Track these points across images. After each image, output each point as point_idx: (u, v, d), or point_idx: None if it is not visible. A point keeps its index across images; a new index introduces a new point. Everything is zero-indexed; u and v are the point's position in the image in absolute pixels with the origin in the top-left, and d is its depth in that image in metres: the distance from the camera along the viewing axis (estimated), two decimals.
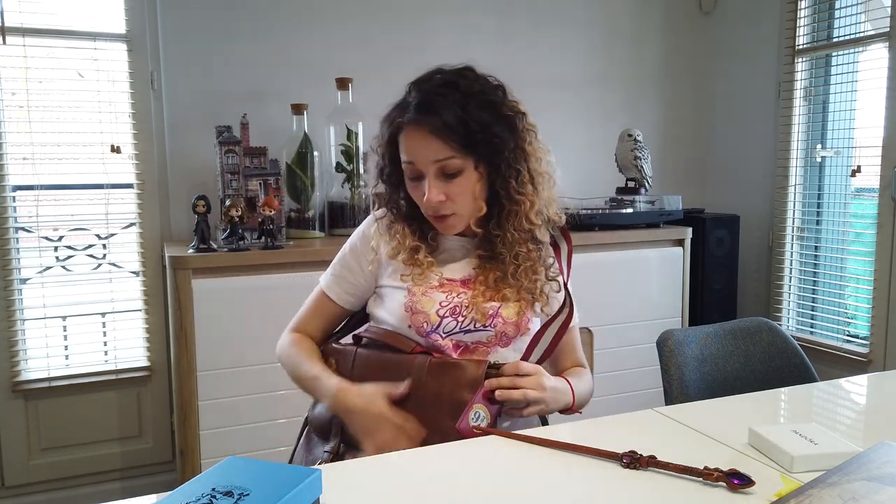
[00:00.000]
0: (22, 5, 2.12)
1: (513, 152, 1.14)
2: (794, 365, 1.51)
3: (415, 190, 1.16)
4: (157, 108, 2.29)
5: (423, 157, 1.12)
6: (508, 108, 1.15)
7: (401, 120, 1.13)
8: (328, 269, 1.29)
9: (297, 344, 1.26)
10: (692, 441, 0.98)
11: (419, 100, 1.11)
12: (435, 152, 1.11)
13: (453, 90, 1.11)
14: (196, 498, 0.69)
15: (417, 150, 1.12)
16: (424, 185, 1.13)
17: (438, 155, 1.11)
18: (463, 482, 0.86)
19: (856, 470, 0.81)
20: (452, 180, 1.13)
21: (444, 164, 1.11)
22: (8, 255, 2.17)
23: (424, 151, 1.11)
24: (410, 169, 1.14)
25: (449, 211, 1.14)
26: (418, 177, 1.14)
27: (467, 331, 1.16)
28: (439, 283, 1.18)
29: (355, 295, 1.26)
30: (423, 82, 1.14)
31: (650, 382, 2.33)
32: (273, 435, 1.98)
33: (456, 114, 1.09)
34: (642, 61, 2.98)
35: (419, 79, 1.16)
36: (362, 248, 1.25)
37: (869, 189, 2.47)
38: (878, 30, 2.41)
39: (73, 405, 2.27)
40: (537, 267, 1.20)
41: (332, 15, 2.48)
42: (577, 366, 1.29)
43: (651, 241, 2.48)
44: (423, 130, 1.10)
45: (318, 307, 1.28)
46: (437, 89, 1.12)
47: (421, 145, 1.11)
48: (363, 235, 1.27)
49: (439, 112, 1.09)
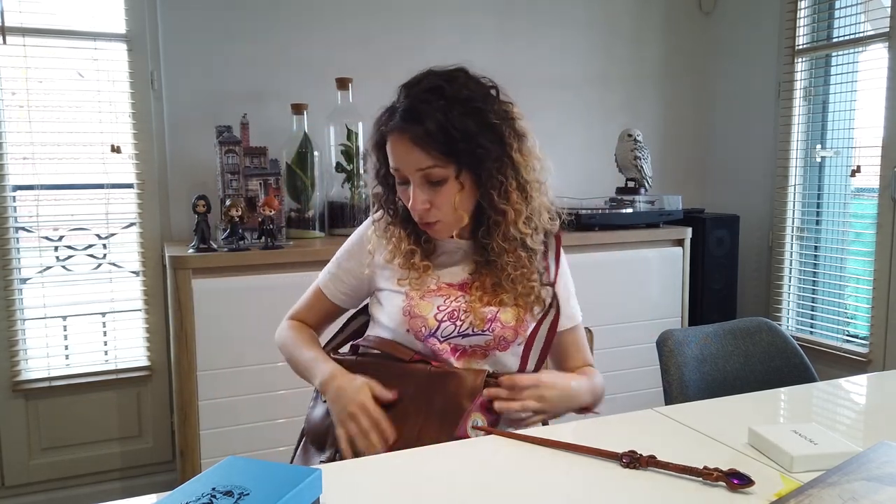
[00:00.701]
0: (22, 5, 2.12)
1: (497, 162, 1.12)
2: (793, 365, 1.51)
3: (403, 194, 1.16)
4: (157, 108, 2.30)
5: (407, 165, 1.11)
6: (496, 115, 1.13)
7: (384, 128, 1.13)
8: (327, 266, 1.31)
9: (295, 329, 1.29)
10: (692, 441, 0.98)
11: (404, 107, 1.11)
12: (417, 161, 1.10)
13: (438, 97, 1.09)
14: (196, 498, 0.69)
15: (401, 157, 1.12)
16: (410, 190, 1.13)
17: (421, 164, 1.10)
18: (463, 482, 0.86)
19: (855, 470, 0.81)
20: (437, 188, 1.12)
21: (427, 172, 1.11)
22: (8, 255, 2.17)
23: (407, 159, 1.11)
24: (397, 174, 1.15)
25: (434, 218, 1.14)
26: (405, 182, 1.14)
27: (465, 335, 1.15)
28: (437, 287, 1.18)
29: (349, 294, 1.28)
30: (412, 87, 1.13)
31: (650, 382, 2.33)
32: (273, 435, 1.98)
33: (439, 122, 1.08)
34: (642, 61, 2.98)
35: (409, 82, 1.15)
36: (358, 251, 1.26)
37: (869, 189, 2.47)
38: (877, 30, 2.41)
39: (73, 405, 2.27)
40: (531, 273, 1.18)
41: (332, 15, 2.48)
42: (586, 365, 1.29)
43: (651, 241, 2.48)
44: (406, 139, 1.10)
45: (313, 302, 1.31)
46: (423, 95, 1.10)
47: (404, 153, 1.11)
48: (360, 238, 1.28)
49: (422, 121, 1.08)
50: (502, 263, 1.16)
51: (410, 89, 1.13)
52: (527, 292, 1.18)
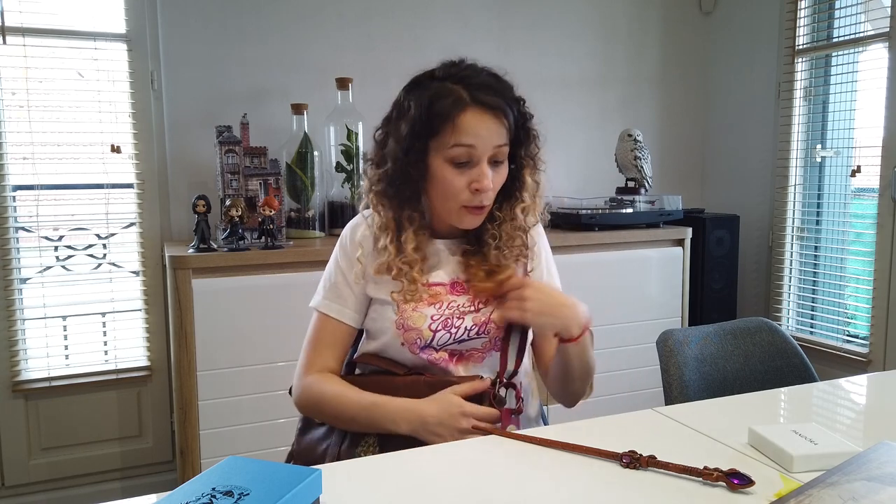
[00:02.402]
0: (22, 5, 2.12)
1: (529, 152, 1.15)
2: (793, 365, 1.51)
3: (457, 177, 1.09)
4: (157, 108, 2.30)
5: (487, 141, 1.08)
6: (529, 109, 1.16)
7: (466, 98, 1.07)
8: (319, 292, 1.20)
9: (323, 383, 1.14)
10: (692, 441, 0.98)
11: (485, 82, 1.09)
12: (499, 136, 1.09)
13: (498, 80, 1.11)
14: (196, 498, 0.69)
15: (482, 132, 1.07)
16: (473, 172, 1.09)
17: (500, 140, 1.09)
18: (463, 482, 0.86)
19: (856, 470, 0.81)
20: (498, 169, 1.11)
21: (501, 149, 1.10)
22: (8, 255, 2.17)
23: (488, 134, 1.07)
24: (467, 153, 1.08)
25: (490, 201, 1.13)
26: (467, 162, 1.08)
27: (461, 340, 1.14)
28: (428, 296, 1.14)
29: (357, 310, 1.19)
30: (466, 68, 1.11)
31: (650, 382, 2.33)
32: (273, 435, 1.98)
33: (516, 103, 1.10)
34: (642, 61, 2.98)
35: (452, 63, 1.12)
36: (347, 260, 1.19)
37: (869, 189, 2.47)
38: (877, 30, 2.41)
39: (73, 405, 2.27)
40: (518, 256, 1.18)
41: (332, 15, 2.48)
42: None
43: (651, 241, 2.48)
44: (491, 113, 1.07)
45: (324, 335, 1.18)
46: (495, 76, 1.11)
47: (487, 127, 1.07)
48: (344, 247, 1.21)
49: (506, 97, 1.09)
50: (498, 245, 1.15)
51: (469, 69, 1.11)
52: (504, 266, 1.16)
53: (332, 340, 1.18)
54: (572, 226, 2.41)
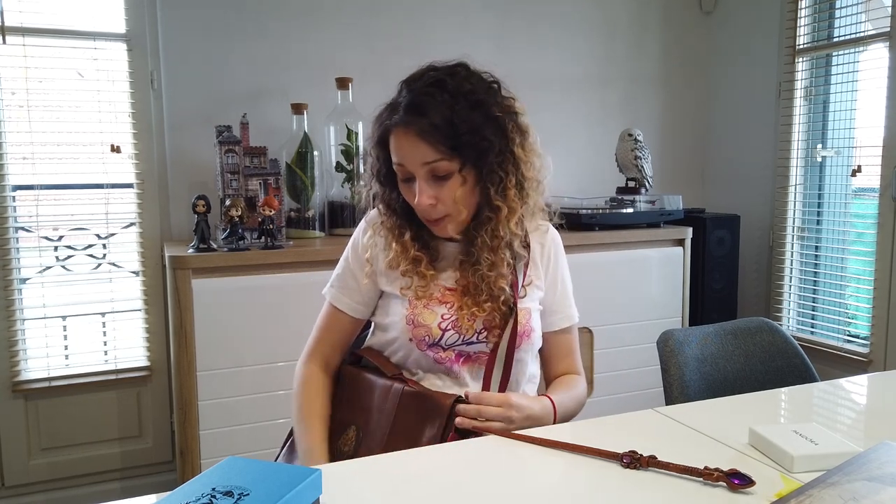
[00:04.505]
0: (22, 5, 2.12)
1: (499, 156, 1.11)
2: (794, 365, 1.51)
3: (407, 191, 1.13)
4: (157, 108, 2.29)
5: (412, 160, 1.09)
6: (499, 109, 1.12)
7: (388, 122, 1.11)
8: (332, 281, 1.26)
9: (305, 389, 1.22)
10: (692, 441, 0.98)
11: (408, 101, 1.09)
12: (423, 155, 1.08)
13: (442, 90, 1.08)
14: (196, 498, 0.68)
15: (406, 152, 1.09)
16: (415, 186, 1.10)
17: (427, 157, 1.08)
18: (463, 482, 0.86)
19: (856, 470, 0.81)
20: (442, 183, 1.10)
21: (433, 166, 1.08)
22: (8, 255, 2.17)
23: (413, 153, 1.08)
24: (401, 171, 1.12)
25: (440, 214, 1.12)
26: (409, 178, 1.11)
27: (469, 342, 1.15)
28: (440, 295, 1.16)
29: (364, 303, 1.23)
30: (414, 81, 1.12)
31: (650, 382, 2.33)
32: (273, 435, 1.98)
33: (444, 115, 1.07)
34: (643, 61, 2.98)
35: (410, 77, 1.13)
36: (357, 260, 1.23)
37: (869, 189, 2.47)
38: (878, 30, 2.41)
39: (73, 405, 2.27)
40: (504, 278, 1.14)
41: (333, 15, 2.48)
42: (570, 373, 1.25)
43: (651, 240, 2.47)
44: (411, 132, 1.08)
45: (330, 323, 1.24)
46: (427, 89, 1.09)
47: (410, 147, 1.08)
48: (356, 245, 1.24)
49: (427, 113, 1.07)
50: (481, 260, 1.13)
51: (412, 84, 1.12)
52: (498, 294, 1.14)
53: (336, 329, 1.24)
54: (573, 225, 2.41)
